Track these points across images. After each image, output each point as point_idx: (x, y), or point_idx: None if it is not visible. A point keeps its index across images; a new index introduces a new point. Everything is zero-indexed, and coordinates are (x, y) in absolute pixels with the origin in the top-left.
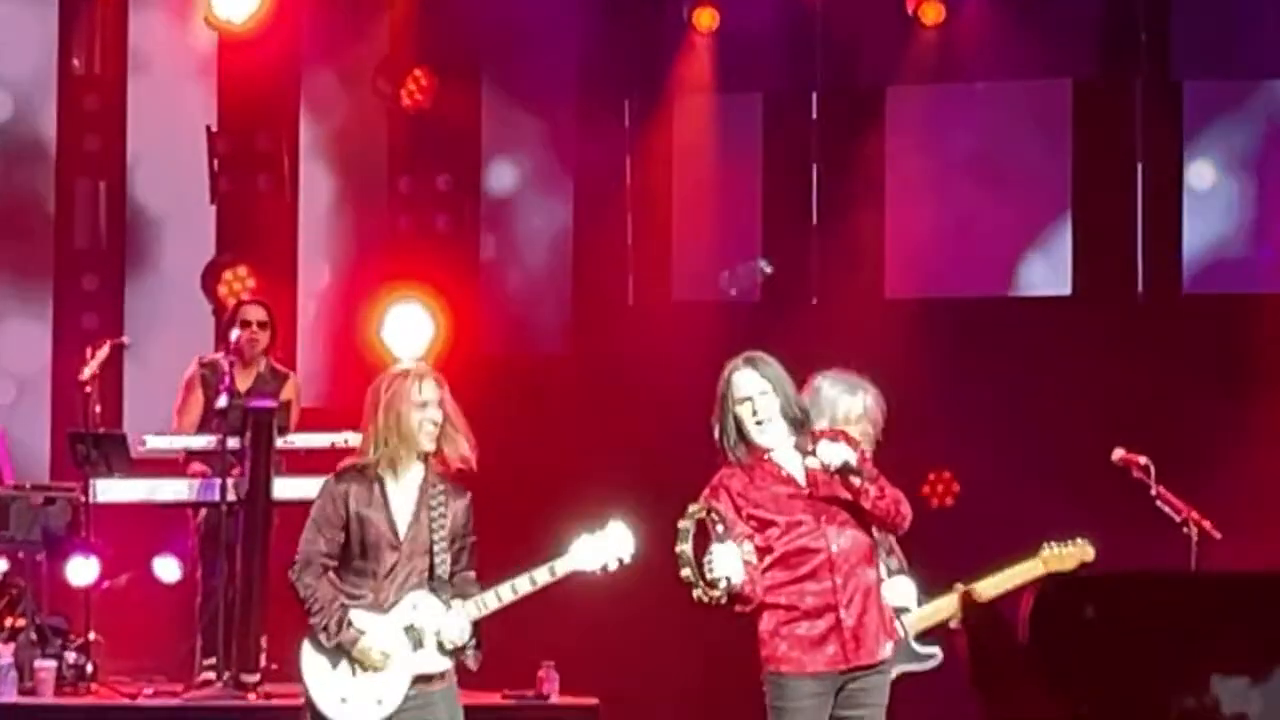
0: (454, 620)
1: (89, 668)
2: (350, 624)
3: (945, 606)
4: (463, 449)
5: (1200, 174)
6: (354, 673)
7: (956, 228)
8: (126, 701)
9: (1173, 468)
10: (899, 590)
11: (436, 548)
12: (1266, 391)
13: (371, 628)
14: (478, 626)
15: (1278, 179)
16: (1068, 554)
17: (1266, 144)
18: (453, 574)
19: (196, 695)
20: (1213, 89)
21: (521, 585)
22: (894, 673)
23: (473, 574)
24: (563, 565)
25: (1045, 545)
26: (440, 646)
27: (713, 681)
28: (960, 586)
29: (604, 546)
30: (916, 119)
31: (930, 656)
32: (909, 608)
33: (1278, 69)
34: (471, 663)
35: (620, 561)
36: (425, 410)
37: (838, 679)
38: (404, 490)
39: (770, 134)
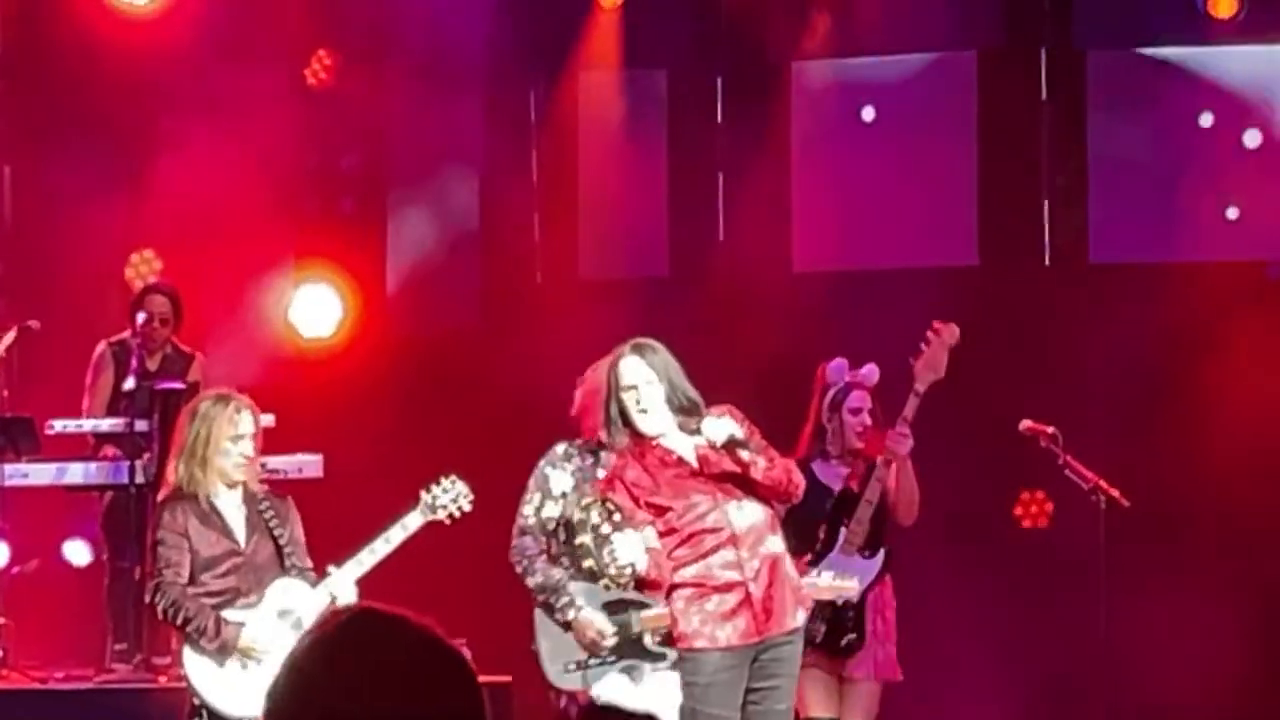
0: (322, 596)
1: None
2: (226, 622)
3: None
4: (254, 482)
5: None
6: (243, 666)
7: (863, 200)
8: (38, 686)
9: (1079, 436)
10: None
11: (280, 541)
12: (1174, 360)
13: (249, 619)
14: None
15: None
16: None
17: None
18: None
19: (108, 679)
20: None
21: (378, 547)
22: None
23: (310, 565)
24: (412, 520)
25: None
26: None
27: None
28: None
29: (444, 500)
30: (821, 93)
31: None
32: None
33: (1180, 37)
34: None
35: (461, 510)
36: (239, 444)
37: (751, 651)
38: (233, 503)
39: (675, 110)
